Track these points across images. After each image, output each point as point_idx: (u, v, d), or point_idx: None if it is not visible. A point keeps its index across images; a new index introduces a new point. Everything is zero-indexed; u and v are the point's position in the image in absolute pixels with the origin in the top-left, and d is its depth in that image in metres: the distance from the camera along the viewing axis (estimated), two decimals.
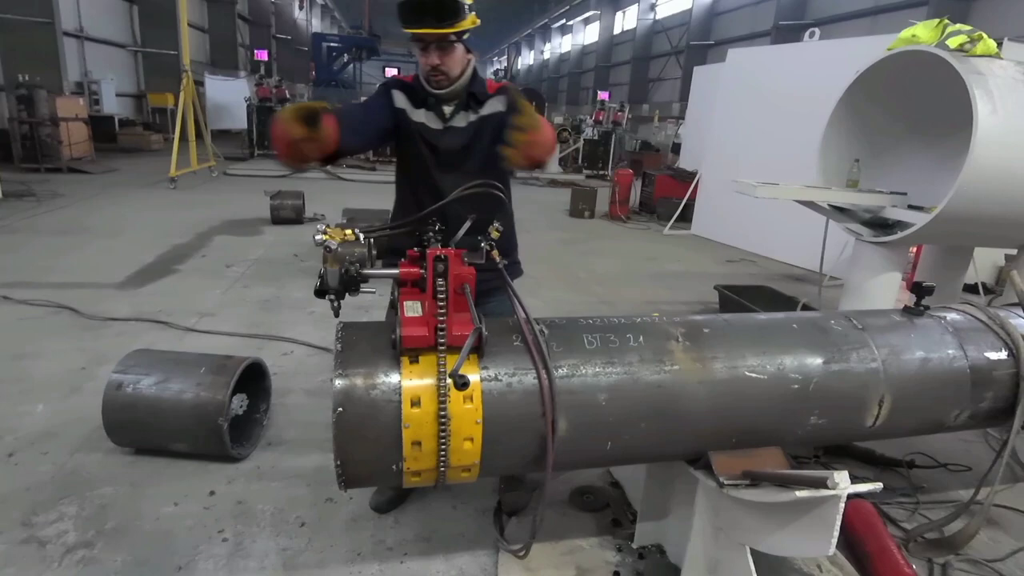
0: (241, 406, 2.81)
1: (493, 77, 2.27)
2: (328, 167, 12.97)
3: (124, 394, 2.62)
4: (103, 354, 3.62)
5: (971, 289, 5.58)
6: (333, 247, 1.54)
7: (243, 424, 2.86)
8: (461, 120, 2.21)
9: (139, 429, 2.66)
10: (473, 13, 2.08)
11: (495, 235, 1.70)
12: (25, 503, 2.36)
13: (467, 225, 1.78)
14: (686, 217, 9.33)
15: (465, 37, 2.10)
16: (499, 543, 2.24)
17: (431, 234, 1.69)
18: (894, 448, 2.97)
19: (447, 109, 2.21)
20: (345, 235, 1.57)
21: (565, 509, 2.50)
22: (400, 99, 2.23)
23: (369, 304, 4.44)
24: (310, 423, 3.05)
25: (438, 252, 1.54)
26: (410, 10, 1.98)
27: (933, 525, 2.45)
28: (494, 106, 2.20)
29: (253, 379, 2.94)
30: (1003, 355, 2.16)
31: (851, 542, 2.31)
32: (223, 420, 2.56)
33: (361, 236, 1.61)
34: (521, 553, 1.86)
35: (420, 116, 2.23)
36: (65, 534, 2.22)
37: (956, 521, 2.40)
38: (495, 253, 1.72)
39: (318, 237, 1.53)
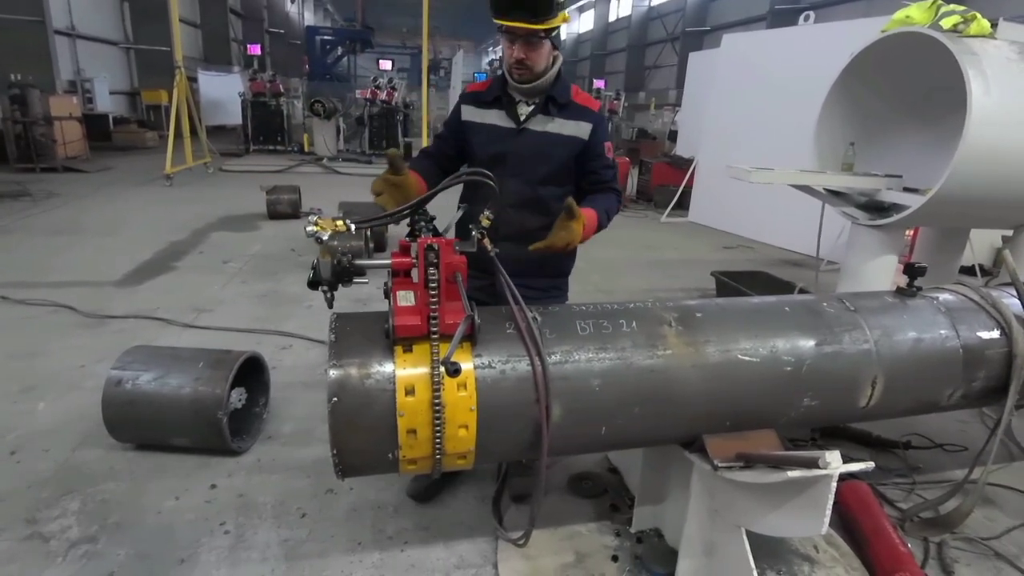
0: (240, 400, 2.82)
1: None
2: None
3: (123, 390, 2.63)
4: (102, 351, 3.63)
5: (968, 271, 5.59)
6: (324, 238, 1.54)
7: (243, 418, 2.87)
8: (538, 124, 2.17)
9: (139, 425, 2.67)
10: (565, 12, 2.04)
11: (485, 223, 1.70)
12: (28, 500, 2.38)
13: (459, 214, 1.78)
14: (683, 204, 9.32)
15: (554, 34, 2.07)
16: (498, 532, 2.26)
17: (422, 224, 1.69)
18: (891, 430, 2.99)
19: (523, 109, 2.19)
20: (336, 226, 1.57)
21: (563, 495, 2.52)
22: (468, 111, 2.25)
23: (367, 297, 4.45)
24: (309, 415, 3.06)
25: (428, 241, 1.54)
26: (501, 1, 1.95)
27: (929, 504, 2.47)
28: (576, 129, 2.17)
29: (252, 373, 2.95)
30: (995, 334, 2.17)
31: (847, 522, 2.33)
32: (222, 414, 2.57)
33: (352, 227, 1.61)
34: (521, 542, 1.88)
35: (490, 117, 2.21)
36: (68, 529, 2.24)
37: (951, 500, 2.42)
38: (487, 241, 1.73)
39: (309, 228, 1.53)
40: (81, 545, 2.16)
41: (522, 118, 2.18)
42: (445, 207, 1.98)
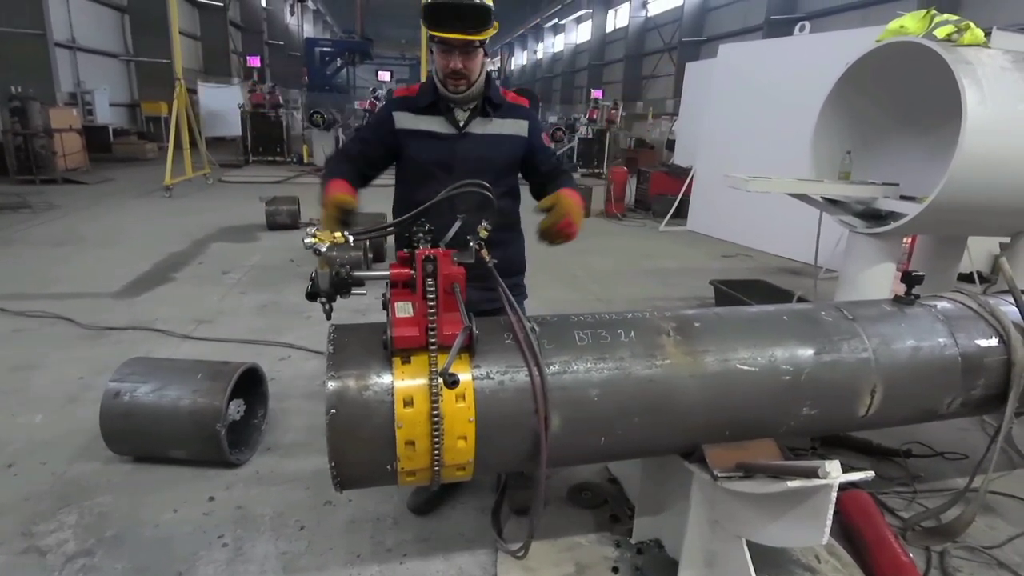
0: (238, 412, 2.82)
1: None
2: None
3: (121, 402, 2.62)
4: (101, 363, 3.62)
5: (967, 278, 5.60)
6: (323, 250, 1.54)
7: (241, 429, 2.86)
8: (479, 127, 2.18)
9: (137, 437, 2.66)
10: (496, 22, 2.06)
11: (483, 234, 1.71)
12: (25, 513, 2.37)
13: (457, 226, 1.79)
14: (681, 213, 9.34)
15: (486, 43, 2.09)
16: (498, 544, 2.25)
17: (420, 235, 1.69)
18: (891, 438, 2.98)
19: (461, 115, 2.18)
20: (334, 237, 1.58)
21: (563, 506, 2.51)
22: (402, 118, 2.21)
23: (366, 308, 4.44)
24: (308, 427, 3.05)
25: (426, 253, 1.54)
26: (438, 13, 1.95)
27: (930, 513, 2.45)
28: (515, 127, 2.22)
29: (250, 384, 2.94)
30: (994, 342, 2.17)
31: (849, 532, 2.32)
32: (220, 426, 2.56)
33: (351, 238, 1.61)
34: (520, 554, 1.87)
35: (427, 123, 2.18)
36: (65, 543, 2.22)
37: (953, 509, 2.41)
38: (484, 252, 1.73)
39: (307, 240, 1.54)
40: (78, 559, 2.15)
41: (461, 123, 2.17)
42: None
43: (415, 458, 1.59)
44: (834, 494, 1.55)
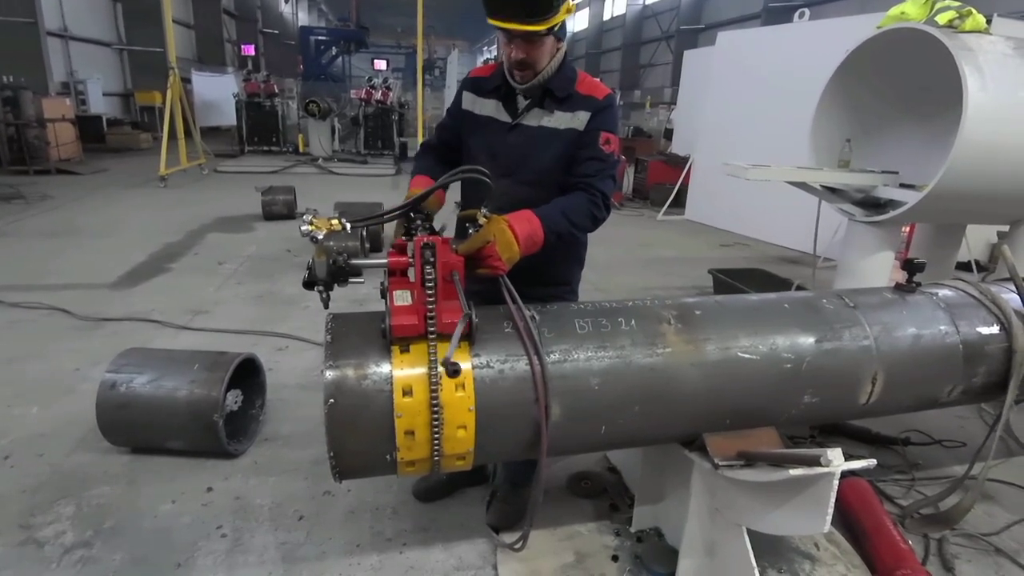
0: (236, 402, 2.80)
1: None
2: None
3: (118, 393, 2.61)
4: (97, 355, 3.60)
5: (964, 267, 5.60)
6: (319, 238, 1.52)
7: (239, 420, 2.85)
8: (533, 119, 1.98)
9: (134, 428, 2.65)
10: (568, 1, 1.82)
11: (482, 221, 1.68)
12: (22, 505, 2.36)
13: (457, 213, 1.76)
14: (679, 203, 9.31)
15: (556, 30, 1.85)
16: (493, 538, 2.25)
17: (419, 222, 1.67)
18: (890, 426, 2.99)
19: (521, 103, 2.00)
20: (331, 225, 1.55)
21: (563, 495, 2.51)
22: (468, 99, 2.09)
23: (364, 297, 4.42)
24: (306, 417, 3.04)
25: (425, 240, 1.52)
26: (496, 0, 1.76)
27: (928, 501, 2.46)
28: (573, 121, 1.94)
29: (248, 375, 2.93)
30: (995, 330, 2.17)
31: (847, 519, 2.33)
32: (218, 416, 2.55)
33: (348, 226, 1.59)
34: (517, 546, 1.86)
35: (488, 108, 2.04)
36: (63, 534, 2.21)
37: (951, 496, 2.41)
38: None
39: (304, 227, 1.51)
40: (76, 550, 2.14)
41: (518, 111, 2.00)
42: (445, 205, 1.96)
43: (415, 448, 1.58)
44: (836, 482, 1.54)
